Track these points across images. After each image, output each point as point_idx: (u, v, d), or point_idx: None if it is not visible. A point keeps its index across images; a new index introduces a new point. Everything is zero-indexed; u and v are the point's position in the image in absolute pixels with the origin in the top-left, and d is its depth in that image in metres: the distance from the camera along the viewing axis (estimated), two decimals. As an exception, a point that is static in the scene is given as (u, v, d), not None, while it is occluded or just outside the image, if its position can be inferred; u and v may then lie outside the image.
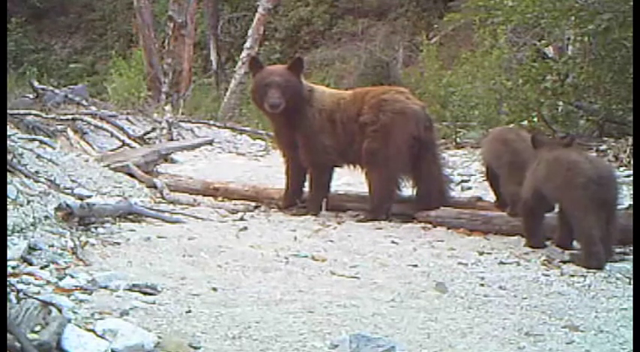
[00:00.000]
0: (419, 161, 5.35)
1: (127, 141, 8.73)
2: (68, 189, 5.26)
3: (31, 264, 3.34)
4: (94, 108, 10.47)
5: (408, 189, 5.59)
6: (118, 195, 5.51)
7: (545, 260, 4.14)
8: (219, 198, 6.13)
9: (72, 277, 3.23)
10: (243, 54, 16.49)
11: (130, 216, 4.82)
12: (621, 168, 7.44)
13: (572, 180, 4.04)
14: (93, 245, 3.93)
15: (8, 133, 5.82)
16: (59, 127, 8.37)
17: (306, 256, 4.09)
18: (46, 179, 5.14)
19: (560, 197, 4.21)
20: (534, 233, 4.46)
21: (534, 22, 9.70)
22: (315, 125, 5.39)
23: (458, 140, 11.19)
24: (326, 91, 5.72)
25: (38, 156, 5.83)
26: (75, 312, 2.72)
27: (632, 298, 3.32)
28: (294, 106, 5.31)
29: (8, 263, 3.16)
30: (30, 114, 8.43)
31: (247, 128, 13.53)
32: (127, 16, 21.70)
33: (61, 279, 3.19)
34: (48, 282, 3.12)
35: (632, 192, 5.52)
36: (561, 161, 4.20)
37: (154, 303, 2.98)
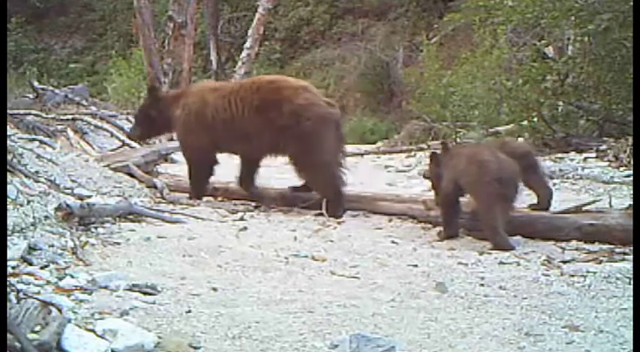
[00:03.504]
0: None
1: (127, 141, 8.74)
2: (68, 189, 5.26)
3: (31, 264, 3.34)
4: (94, 108, 10.48)
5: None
6: (118, 195, 5.51)
7: (545, 260, 4.14)
8: (219, 198, 6.13)
9: (72, 277, 3.23)
10: (243, 54, 16.50)
11: (130, 216, 4.82)
12: (621, 168, 7.45)
13: (481, 177, 4.52)
14: (93, 245, 3.93)
15: (8, 133, 5.82)
16: (59, 127, 8.38)
17: (306, 256, 4.09)
18: (46, 179, 5.14)
19: (471, 190, 4.65)
20: (451, 224, 4.77)
21: (534, 22, 9.71)
22: (182, 127, 5.76)
23: (458, 140, 11.19)
24: (202, 92, 5.80)
25: (38, 156, 5.83)
26: (75, 312, 2.72)
27: (632, 298, 3.31)
28: (151, 127, 6.06)
29: (8, 263, 3.16)
30: (30, 114, 8.45)
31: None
32: (127, 16, 21.71)
33: (61, 279, 3.19)
34: (48, 282, 3.12)
35: (632, 192, 5.51)
36: (474, 159, 4.66)
37: (154, 303, 2.98)
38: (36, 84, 10.71)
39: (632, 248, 4.17)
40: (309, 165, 5.50)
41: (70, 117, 9.00)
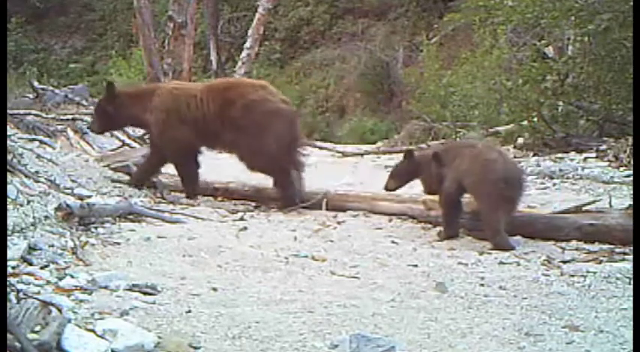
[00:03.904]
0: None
1: (127, 141, 8.73)
2: (68, 189, 5.26)
3: (31, 264, 3.34)
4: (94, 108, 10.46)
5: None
6: (118, 195, 5.51)
7: (545, 260, 4.14)
8: (219, 198, 6.13)
9: (72, 277, 3.23)
10: (243, 54, 16.50)
11: (130, 216, 4.82)
12: (621, 168, 7.44)
13: (486, 177, 4.55)
14: (93, 245, 3.93)
15: (8, 133, 5.83)
16: (59, 127, 8.37)
17: (306, 256, 4.09)
18: (46, 179, 5.14)
19: (474, 191, 4.65)
20: (452, 224, 4.77)
21: (534, 22, 9.71)
22: (161, 127, 5.88)
23: (458, 140, 11.18)
24: (172, 92, 5.99)
25: (38, 156, 5.83)
26: (75, 312, 2.72)
27: (632, 298, 3.31)
28: (108, 122, 6.28)
29: (8, 263, 3.16)
30: (30, 114, 8.44)
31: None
32: (127, 16, 21.70)
33: (61, 279, 3.19)
34: (48, 282, 3.12)
35: (632, 192, 5.51)
36: (479, 158, 4.67)
37: (154, 303, 2.98)
38: (36, 84, 10.70)
39: (632, 248, 4.17)
40: (259, 158, 5.69)
41: (70, 117, 8.99)
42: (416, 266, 3.97)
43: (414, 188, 6.51)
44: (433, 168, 4.95)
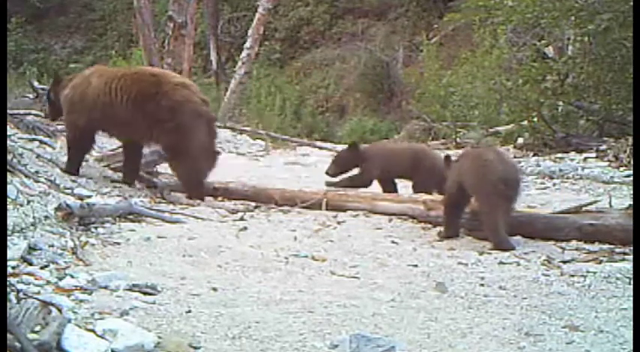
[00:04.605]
0: None
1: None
2: (68, 189, 5.26)
3: (31, 264, 3.34)
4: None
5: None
6: (118, 195, 5.50)
7: (545, 260, 4.14)
8: (219, 198, 6.13)
9: (72, 277, 3.23)
10: (243, 54, 16.48)
11: (130, 216, 4.81)
12: (621, 168, 7.44)
13: (486, 177, 4.58)
14: (93, 245, 3.93)
15: (8, 133, 5.82)
16: (59, 127, 8.36)
17: (306, 256, 4.09)
18: (46, 179, 5.14)
19: (474, 191, 4.68)
20: (452, 224, 4.79)
21: (534, 22, 9.71)
22: (66, 107, 6.02)
23: (458, 140, 11.19)
24: (89, 76, 6.03)
25: (38, 156, 5.83)
26: (75, 312, 2.72)
27: (632, 298, 3.31)
28: (54, 109, 6.40)
29: (8, 263, 3.16)
30: (30, 114, 8.43)
31: (247, 128, 13.54)
32: (127, 16, 21.68)
33: (61, 279, 3.19)
34: (48, 282, 3.12)
35: (632, 192, 5.51)
36: (479, 159, 4.74)
37: (154, 303, 2.98)
38: (36, 84, 10.70)
39: (632, 248, 4.17)
40: (179, 157, 5.82)
41: (70, 117, 8.97)
42: (416, 266, 3.97)
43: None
44: (445, 169, 5.12)
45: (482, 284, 3.62)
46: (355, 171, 6.16)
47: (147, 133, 5.80)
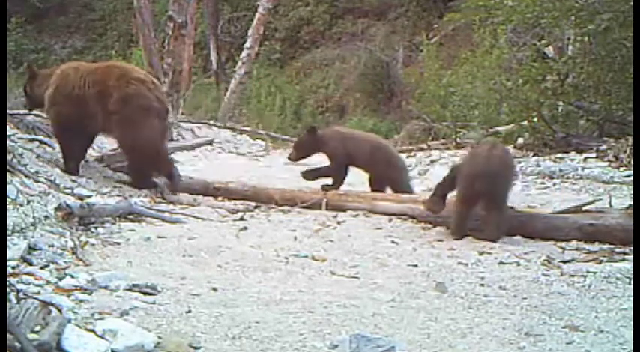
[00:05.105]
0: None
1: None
2: (68, 189, 5.26)
3: (31, 264, 3.34)
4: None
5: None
6: (118, 195, 5.50)
7: (545, 260, 4.14)
8: (219, 198, 6.13)
9: (72, 277, 3.23)
10: (243, 54, 16.48)
11: (130, 216, 4.82)
12: (621, 168, 7.44)
13: (461, 173, 4.83)
14: (93, 245, 3.93)
15: (8, 133, 5.82)
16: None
17: (306, 256, 4.09)
18: (46, 179, 5.14)
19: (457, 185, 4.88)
20: (461, 224, 4.82)
21: (534, 22, 9.70)
22: (48, 101, 6.10)
23: (458, 140, 11.19)
24: (67, 70, 6.15)
25: (38, 156, 5.83)
26: (75, 312, 2.72)
27: (632, 298, 3.31)
28: (31, 101, 6.53)
29: (8, 263, 3.16)
30: (30, 114, 8.42)
31: (247, 128, 13.54)
32: (127, 16, 21.67)
33: (61, 279, 3.19)
34: (48, 282, 3.12)
35: (632, 192, 5.51)
36: (466, 155, 5.03)
37: (154, 303, 2.98)
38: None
39: (632, 248, 4.17)
40: (129, 149, 6.01)
41: (69, 117, 8.97)
42: (416, 266, 3.97)
43: (414, 188, 6.51)
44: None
45: (482, 284, 3.62)
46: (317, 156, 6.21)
47: (105, 125, 5.97)
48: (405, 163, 6.44)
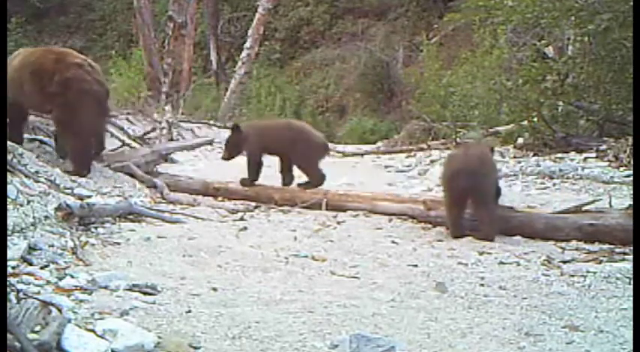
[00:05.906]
0: None
1: (127, 141, 8.73)
2: (68, 189, 5.26)
3: (31, 264, 3.34)
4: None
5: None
6: (118, 195, 5.50)
7: (545, 260, 4.14)
8: (219, 198, 6.13)
9: (72, 277, 3.23)
10: (243, 54, 16.51)
11: (130, 216, 4.82)
12: (621, 168, 7.44)
13: (443, 176, 5.00)
14: (93, 245, 3.93)
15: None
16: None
17: (306, 256, 4.09)
18: (46, 179, 5.14)
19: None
20: (456, 224, 4.85)
21: (534, 22, 9.70)
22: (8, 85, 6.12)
23: (458, 140, 11.18)
24: (26, 53, 6.32)
25: (38, 156, 5.83)
26: (75, 312, 2.72)
27: (632, 298, 3.31)
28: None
29: (8, 263, 3.16)
30: (30, 114, 8.41)
31: (247, 128, 13.47)
32: (127, 16, 21.70)
33: (61, 279, 3.19)
34: (48, 282, 3.12)
35: (632, 192, 5.51)
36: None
37: (154, 303, 2.98)
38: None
39: (632, 248, 4.17)
40: (67, 131, 6.05)
41: (69, 117, 8.97)
42: (416, 266, 3.97)
43: (414, 188, 6.51)
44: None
45: (482, 284, 3.62)
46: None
47: (44, 106, 6.14)
48: (325, 141, 6.44)
